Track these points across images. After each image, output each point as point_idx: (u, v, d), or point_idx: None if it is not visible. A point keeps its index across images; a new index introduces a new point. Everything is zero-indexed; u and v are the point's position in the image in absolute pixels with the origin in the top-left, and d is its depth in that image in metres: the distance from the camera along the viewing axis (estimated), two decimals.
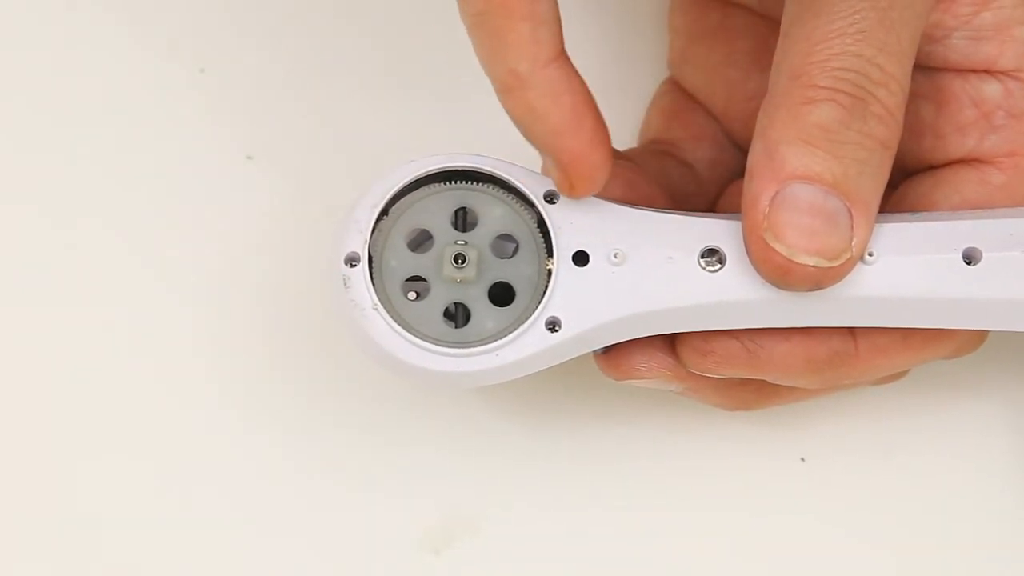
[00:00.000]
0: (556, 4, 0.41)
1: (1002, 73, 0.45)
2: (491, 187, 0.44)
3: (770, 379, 0.46)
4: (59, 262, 0.53)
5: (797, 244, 0.42)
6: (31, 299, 0.52)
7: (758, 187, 0.42)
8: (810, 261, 0.42)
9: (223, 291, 0.52)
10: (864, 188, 0.43)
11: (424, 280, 0.44)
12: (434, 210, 0.44)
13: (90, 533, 0.50)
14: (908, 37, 0.43)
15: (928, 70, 0.46)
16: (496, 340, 0.43)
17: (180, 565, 0.50)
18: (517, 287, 0.44)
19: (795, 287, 0.43)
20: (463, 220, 0.44)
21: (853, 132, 0.42)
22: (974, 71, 0.45)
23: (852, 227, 0.42)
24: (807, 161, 0.42)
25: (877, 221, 0.44)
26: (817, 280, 0.43)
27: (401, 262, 0.44)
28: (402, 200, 0.44)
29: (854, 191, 0.42)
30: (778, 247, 0.42)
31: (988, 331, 0.48)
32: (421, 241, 0.44)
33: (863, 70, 0.42)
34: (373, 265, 0.44)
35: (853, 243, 0.43)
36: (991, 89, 0.45)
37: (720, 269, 0.44)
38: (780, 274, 0.43)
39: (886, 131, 0.43)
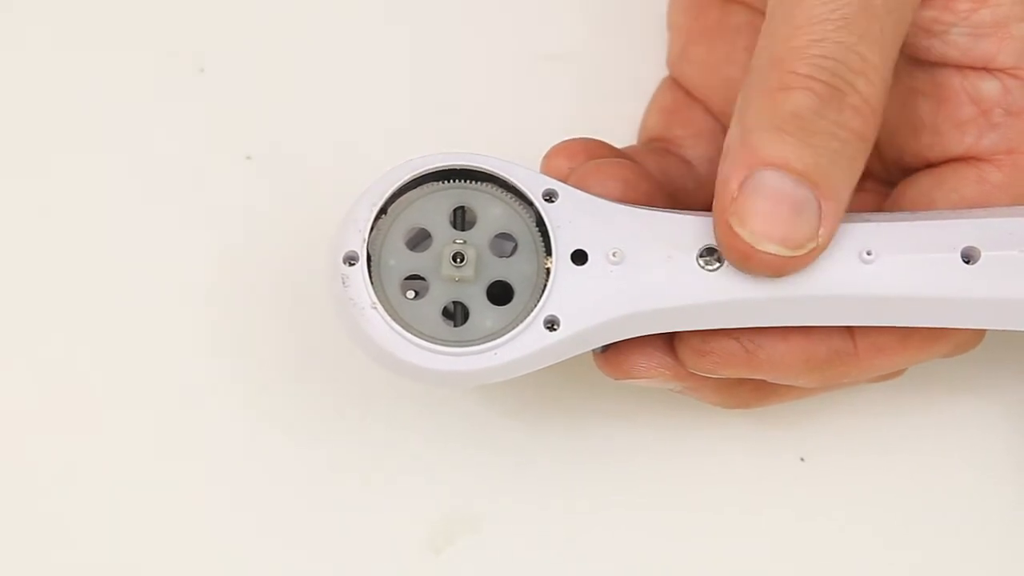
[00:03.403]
0: None
1: (1000, 71, 0.45)
2: (490, 186, 0.44)
3: (769, 379, 0.46)
4: (58, 261, 0.53)
5: (760, 231, 0.42)
6: (31, 300, 0.52)
7: (728, 171, 0.42)
8: (771, 249, 0.42)
9: (222, 291, 0.52)
10: (835, 178, 0.42)
11: (423, 279, 0.44)
12: (433, 209, 0.44)
13: (89, 534, 0.50)
14: (892, 26, 0.43)
15: (927, 66, 0.46)
16: (495, 339, 0.43)
17: (181, 564, 0.50)
18: (516, 286, 0.44)
19: (756, 273, 0.43)
20: (462, 219, 0.44)
21: (827, 122, 0.42)
22: (972, 68, 0.45)
23: (820, 217, 0.42)
24: (778, 148, 0.42)
25: (876, 220, 0.44)
26: (778, 268, 0.43)
27: (400, 261, 0.44)
28: (401, 199, 0.44)
29: (824, 181, 0.42)
30: (741, 232, 0.42)
31: (986, 330, 0.48)
32: (420, 240, 0.44)
33: (842, 58, 0.42)
34: (372, 264, 0.44)
35: (820, 233, 0.42)
36: (989, 87, 0.45)
37: (719, 268, 0.44)
38: (741, 259, 0.43)
39: (862, 122, 0.42)
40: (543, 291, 0.44)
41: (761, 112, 0.42)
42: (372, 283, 0.43)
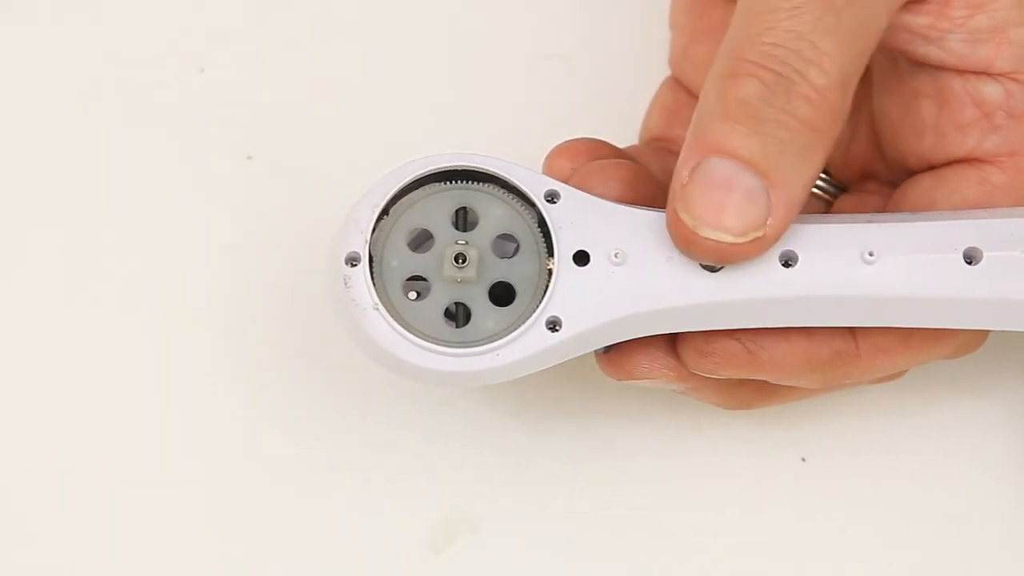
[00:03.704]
0: None
1: (1000, 75, 0.45)
2: (492, 187, 0.44)
3: (771, 379, 0.46)
4: (58, 262, 0.53)
5: (702, 217, 0.42)
6: (30, 300, 0.52)
7: (682, 157, 0.42)
8: (712, 235, 0.42)
9: (223, 291, 0.52)
10: (784, 168, 0.42)
11: (425, 280, 0.44)
12: (435, 210, 0.44)
13: (89, 534, 0.50)
14: (855, 17, 0.42)
15: (930, 68, 0.46)
16: (497, 340, 0.43)
17: (181, 564, 0.50)
18: (518, 287, 0.44)
19: (699, 259, 0.43)
20: (464, 220, 0.44)
21: (774, 110, 0.42)
22: (973, 72, 0.45)
23: (768, 206, 0.42)
24: (725, 136, 0.42)
25: (877, 220, 0.44)
26: (720, 255, 0.42)
27: (402, 262, 0.44)
28: (403, 200, 0.44)
29: (773, 170, 0.42)
30: (684, 217, 0.42)
31: (989, 331, 0.48)
32: (422, 241, 0.44)
33: (794, 46, 0.42)
34: (374, 265, 0.44)
35: (768, 223, 0.42)
36: (991, 89, 0.45)
37: (721, 269, 0.44)
38: (684, 244, 0.43)
39: (813, 112, 0.42)
40: (545, 292, 0.44)
41: (714, 100, 0.42)
42: (374, 284, 0.43)
